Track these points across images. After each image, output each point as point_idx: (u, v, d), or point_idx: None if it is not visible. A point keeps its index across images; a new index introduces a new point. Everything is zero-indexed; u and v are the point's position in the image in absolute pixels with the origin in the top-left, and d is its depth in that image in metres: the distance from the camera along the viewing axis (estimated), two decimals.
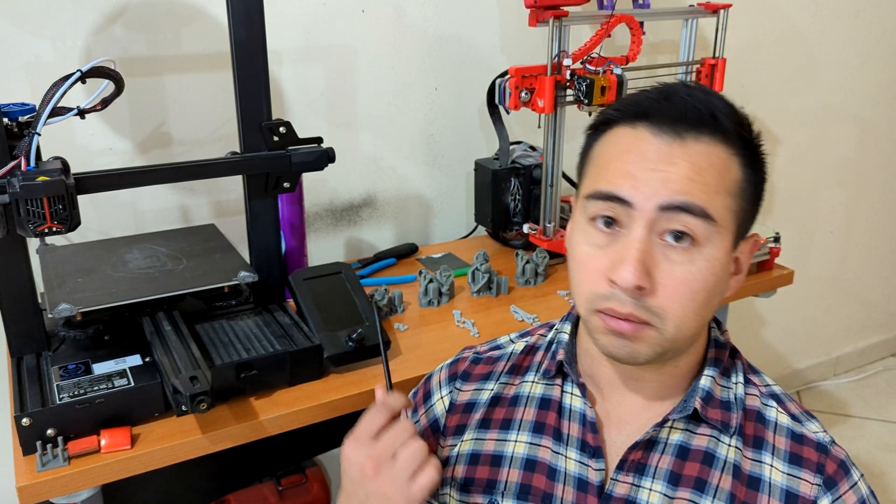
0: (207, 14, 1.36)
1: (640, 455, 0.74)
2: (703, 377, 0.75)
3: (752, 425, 0.75)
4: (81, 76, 0.94)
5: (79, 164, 0.99)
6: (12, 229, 0.92)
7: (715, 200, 0.68)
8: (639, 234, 0.67)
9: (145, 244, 1.22)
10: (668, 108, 0.70)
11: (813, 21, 2.12)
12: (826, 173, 2.36)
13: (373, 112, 1.58)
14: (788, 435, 0.74)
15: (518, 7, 1.42)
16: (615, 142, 0.72)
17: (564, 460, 0.77)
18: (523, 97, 1.36)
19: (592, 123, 0.77)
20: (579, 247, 0.72)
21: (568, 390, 0.80)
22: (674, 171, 0.67)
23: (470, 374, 0.86)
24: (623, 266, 0.66)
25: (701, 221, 0.67)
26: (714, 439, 0.74)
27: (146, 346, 1.04)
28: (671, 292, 0.67)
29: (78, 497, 0.93)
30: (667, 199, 0.66)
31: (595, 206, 0.70)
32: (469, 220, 1.74)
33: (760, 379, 0.80)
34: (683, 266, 0.67)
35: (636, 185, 0.68)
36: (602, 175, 0.71)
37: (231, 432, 0.97)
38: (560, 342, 0.82)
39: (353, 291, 1.17)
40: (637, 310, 0.67)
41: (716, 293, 0.70)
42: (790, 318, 2.49)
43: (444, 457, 0.84)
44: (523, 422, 0.81)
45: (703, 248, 0.68)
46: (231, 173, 1.11)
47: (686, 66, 1.56)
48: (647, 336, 0.68)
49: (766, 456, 0.73)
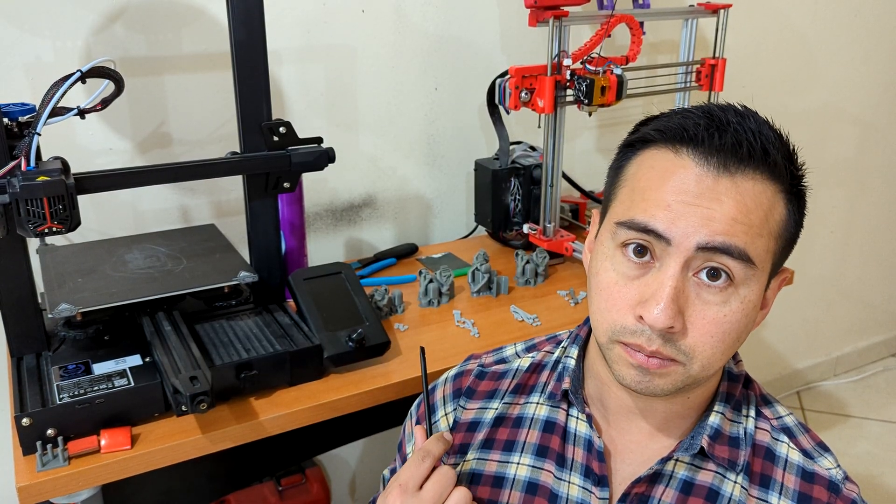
0: (207, 14, 1.36)
1: (644, 488, 0.72)
2: (713, 413, 0.72)
3: (759, 462, 0.72)
4: (81, 76, 0.93)
5: (79, 164, 0.99)
6: (12, 229, 0.92)
7: (757, 243, 0.64)
8: (673, 272, 0.63)
9: (145, 244, 1.22)
10: (720, 139, 0.64)
11: (813, 21, 2.12)
12: (826, 173, 2.36)
13: (373, 112, 1.58)
14: (798, 473, 0.71)
15: (518, 7, 1.42)
16: (653, 165, 0.67)
17: (567, 486, 0.75)
18: (523, 97, 1.36)
19: (628, 140, 0.73)
20: (606, 273, 0.68)
21: (573, 415, 0.78)
22: (718, 210, 0.63)
23: (474, 391, 0.84)
24: (655, 304, 0.63)
25: (740, 264, 0.63)
26: (719, 476, 0.71)
27: (146, 346, 1.03)
28: (702, 333, 0.64)
29: (78, 497, 0.93)
30: (707, 240, 0.62)
31: (627, 235, 0.66)
32: (469, 220, 1.74)
33: (773, 411, 0.76)
34: (717, 307, 0.64)
35: (675, 221, 0.63)
36: (637, 203, 0.66)
37: (231, 432, 0.97)
38: (567, 368, 0.79)
39: (353, 291, 1.17)
40: (665, 347, 0.64)
41: (745, 332, 0.67)
42: (790, 318, 2.49)
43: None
44: (526, 444, 0.79)
45: (739, 289, 0.65)
46: (231, 173, 1.11)
47: (686, 66, 1.56)
48: (672, 372, 0.66)
49: (773, 496, 0.70)
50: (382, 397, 1.07)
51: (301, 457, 1.39)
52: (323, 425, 1.05)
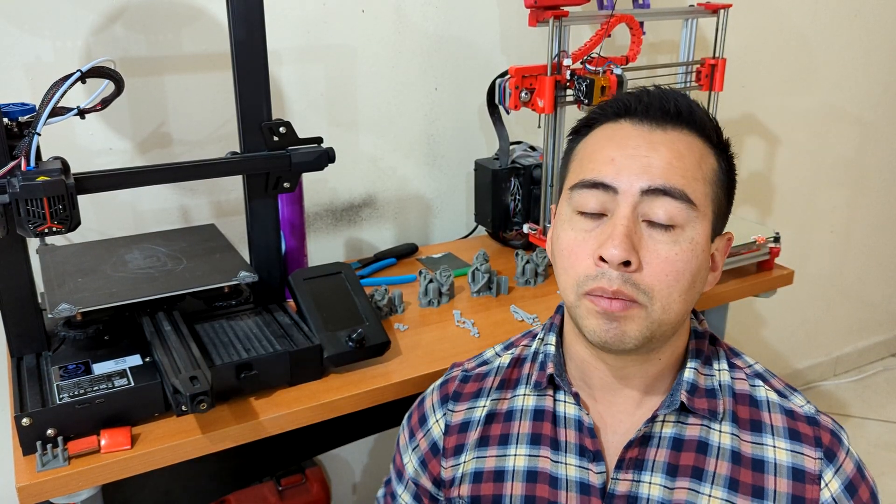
0: (207, 14, 1.36)
1: (636, 452, 0.75)
2: (687, 369, 0.77)
3: (746, 409, 0.76)
4: (81, 76, 0.93)
5: (79, 164, 0.99)
6: (12, 229, 0.92)
7: (693, 186, 0.71)
8: (624, 213, 0.69)
9: (145, 244, 1.22)
10: (648, 101, 0.74)
11: (813, 21, 2.12)
12: (826, 173, 2.36)
13: (373, 112, 1.58)
14: (781, 411, 0.76)
15: (518, 7, 1.42)
16: (597, 136, 0.76)
17: (565, 467, 0.78)
18: (523, 97, 1.36)
19: (574, 127, 0.80)
20: (565, 234, 0.74)
21: (560, 398, 0.81)
22: (655, 157, 0.70)
23: (461, 394, 0.87)
24: (610, 242, 0.68)
25: (682, 205, 0.70)
26: (705, 427, 0.75)
27: (146, 346, 1.03)
28: (657, 270, 0.69)
29: (78, 497, 0.93)
30: (649, 183, 0.69)
31: (580, 196, 0.73)
32: (469, 220, 1.74)
33: (743, 361, 0.81)
34: (667, 245, 0.69)
35: (619, 171, 0.71)
36: (585, 166, 0.74)
37: (231, 432, 0.97)
38: (548, 355, 0.83)
39: (353, 291, 1.17)
40: (625, 286, 0.69)
41: (697, 279, 0.72)
42: (790, 318, 2.49)
43: (449, 477, 0.85)
44: (520, 435, 0.82)
45: (685, 230, 0.70)
46: (231, 173, 1.11)
47: (686, 66, 1.56)
48: (635, 315, 0.70)
49: (768, 437, 0.74)
50: (382, 397, 1.07)
51: (301, 457, 1.39)
52: (323, 425, 1.05)
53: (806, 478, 0.72)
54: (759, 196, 2.24)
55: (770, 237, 1.46)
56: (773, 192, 2.26)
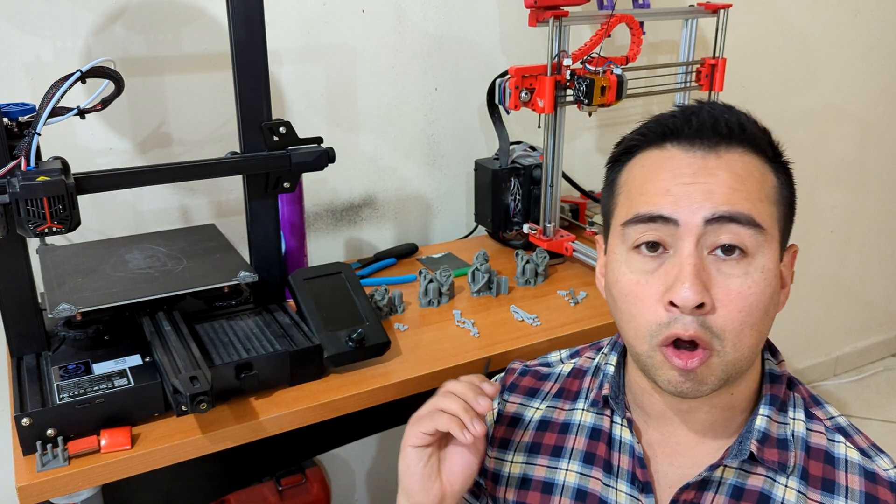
0: (207, 14, 1.36)
1: (692, 495, 0.71)
2: (759, 417, 0.71)
3: (819, 466, 0.71)
4: (81, 76, 0.93)
5: (79, 164, 0.99)
6: (12, 229, 0.92)
7: (759, 208, 0.65)
8: (689, 250, 0.64)
9: (145, 244, 1.22)
10: (697, 123, 0.68)
11: (813, 21, 2.12)
12: (826, 173, 2.36)
13: (373, 112, 1.58)
14: (861, 473, 0.70)
15: (518, 7, 1.42)
16: (643, 164, 0.70)
17: (615, 493, 0.76)
18: (523, 97, 1.36)
19: (614, 154, 0.74)
20: (624, 278, 0.68)
21: (617, 421, 0.78)
22: (714, 182, 0.65)
23: (517, 386, 0.87)
24: (681, 285, 0.63)
25: (749, 230, 0.64)
26: (770, 480, 0.70)
27: (146, 346, 1.03)
28: (730, 309, 0.64)
29: (78, 497, 0.93)
30: (712, 211, 0.64)
31: (636, 231, 0.67)
32: (469, 220, 1.74)
33: (824, 412, 0.75)
34: (739, 279, 0.64)
35: (678, 202, 0.65)
36: (637, 199, 0.68)
37: (231, 432, 0.97)
38: (606, 375, 0.80)
39: (353, 291, 1.17)
40: (702, 331, 0.64)
41: (771, 307, 0.67)
42: (790, 318, 2.49)
43: (492, 469, 0.84)
44: (574, 451, 0.79)
45: (755, 258, 0.65)
46: (231, 173, 1.11)
47: (686, 66, 1.56)
48: (713, 363, 0.65)
49: (840, 500, 0.69)
50: (382, 397, 1.07)
51: (301, 457, 1.39)
52: (323, 425, 1.05)
53: None
54: None
55: None
56: None
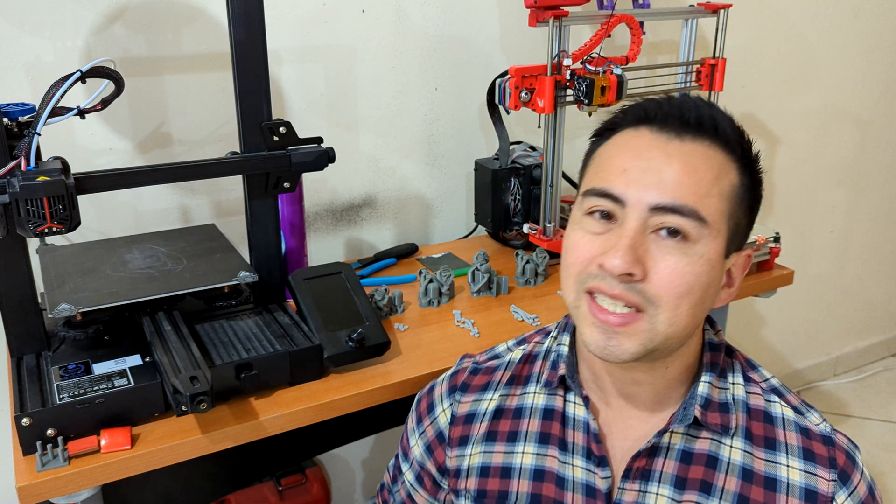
0: (207, 14, 1.36)
1: (644, 462, 0.75)
2: (701, 383, 0.75)
3: (760, 425, 0.75)
4: (81, 76, 0.93)
5: (79, 164, 0.99)
6: (12, 229, 0.92)
7: (706, 202, 0.68)
8: (630, 226, 0.68)
9: (145, 244, 1.22)
10: (671, 110, 0.71)
11: (813, 21, 2.12)
12: (826, 173, 2.36)
13: (373, 112, 1.58)
14: (796, 429, 0.75)
15: (518, 7, 1.42)
16: (617, 143, 0.74)
17: (572, 469, 0.79)
18: (523, 97, 1.36)
19: (597, 130, 0.78)
20: (573, 234, 0.74)
21: (571, 399, 0.81)
22: (668, 172, 0.68)
23: (469, 386, 0.88)
24: (613, 252, 0.68)
25: (692, 222, 0.68)
26: (716, 442, 0.75)
27: (146, 346, 1.03)
28: (665, 280, 0.68)
29: (78, 497, 0.93)
30: (657, 200, 0.68)
31: (589, 202, 0.72)
32: (469, 220, 1.74)
33: (759, 374, 0.80)
34: (676, 257, 0.68)
35: (629, 183, 0.69)
36: (599, 173, 0.73)
37: (231, 432, 0.97)
38: (561, 355, 0.82)
39: (353, 291, 1.17)
40: (630, 293, 0.68)
41: (707, 294, 0.70)
42: (790, 318, 2.49)
43: (454, 467, 0.86)
44: (529, 433, 0.82)
45: (696, 245, 0.68)
46: (231, 173, 1.11)
47: (686, 66, 1.56)
48: (637, 329, 0.69)
49: (781, 456, 0.73)
50: (382, 397, 1.08)
51: (301, 457, 1.39)
52: (323, 425, 1.05)
53: (818, 500, 0.71)
54: None
55: (770, 237, 1.46)
56: (773, 192, 2.26)
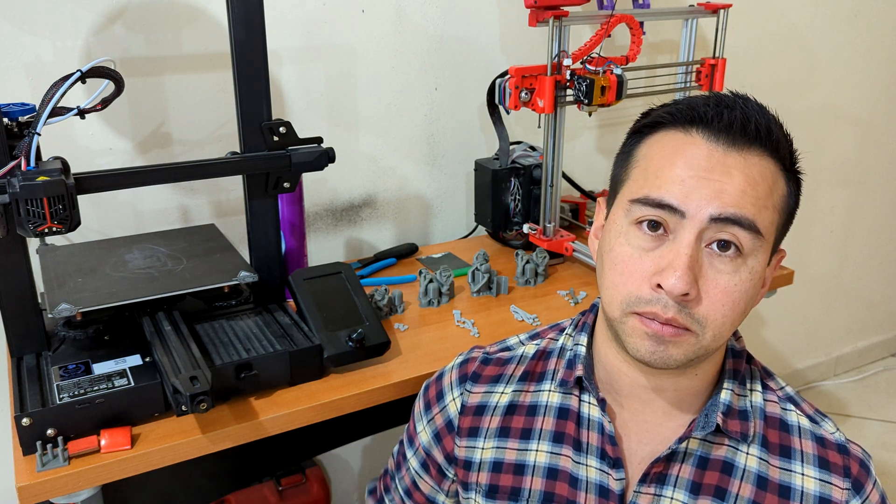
0: (207, 14, 1.36)
1: (661, 466, 0.75)
2: (724, 391, 0.75)
3: (776, 433, 0.75)
4: (81, 76, 0.93)
5: (79, 164, 0.99)
6: (12, 229, 0.92)
7: (763, 215, 0.68)
8: (689, 241, 0.66)
9: (145, 244, 1.22)
10: (728, 117, 0.68)
11: (813, 21, 2.12)
12: (826, 173, 2.36)
13: (373, 112, 1.58)
14: (812, 438, 0.74)
15: (518, 7, 1.42)
16: (664, 143, 0.71)
17: (585, 469, 0.78)
18: (523, 97, 1.36)
19: (637, 126, 0.75)
20: (620, 248, 0.70)
21: (586, 399, 0.80)
22: (728, 183, 0.66)
23: (480, 376, 0.87)
24: (672, 272, 0.65)
25: (749, 235, 0.67)
26: (732, 448, 0.74)
27: (146, 346, 1.03)
28: (714, 302, 0.67)
29: (78, 497, 0.93)
30: (720, 211, 0.66)
31: (641, 211, 0.69)
32: (469, 220, 1.74)
33: (775, 383, 0.80)
34: (728, 276, 0.67)
35: (688, 194, 0.66)
36: (650, 180, 0.69)
37: (231, 432, 0.97)
38: (578, 355, 0.81)
39: (353, 291, 1.17)
40: (680, 315, 0.66)
41: (750, 305, 0.70)
42: (790, 318, 2.49)
43: (463, 458, 0.85)
44: (543, 431, 0.81)
45: (748, 260, 0.68)
46: (231, 173, 1.11)
47: (686, 66, 1.56)
48: (685, 342, 0.68)
49: (797, 464, 0.73)
50: (382, 397, 1.07)
51: (301, 457, 1.39)
52: (323, 425, 1.05)
53: None
54: None
55: None
56: None
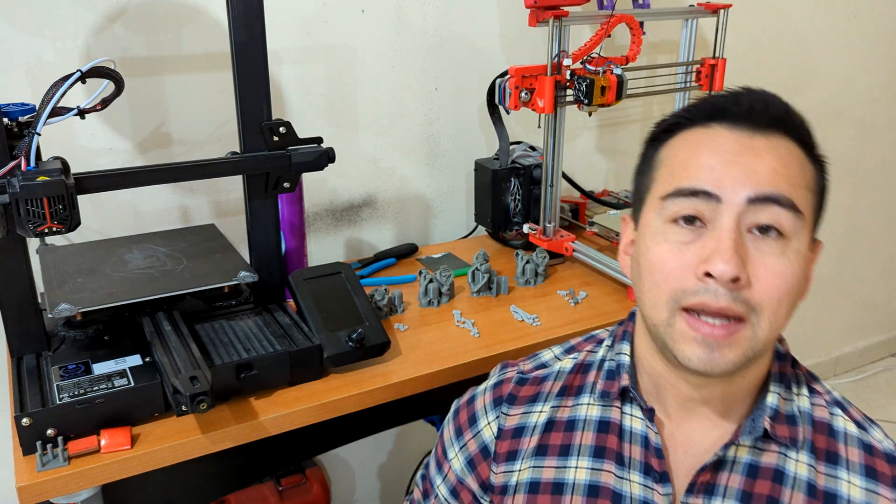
0: (207, 14, 1.36)
1: (709, 476, 0.71)
2: (770, 394, 0.72)
3: (823, 438, 0.72)
4: (81, 76, 0.94)
5: (79, 164, 0.99)
6: (12, 229, 0.92)
7: (799, 193, 0.66)
8: (729, 226, 0.64)
9: (145, 244, 1.22)
10: (747, 103, 0.68)
11: (813, 21, 2.12)
12: None
13: (373, 112, 1.58)
14: (859, 446, 0.71)
15: (518, 7, 1.42)
16: (686, 141, 0.70)
17: (629, 485, 0.74)
18: (523, 97, 1.36)
19: (654, 132, 0.74)
20: (659, 247, 0.67)
21: (627, 412, 0.77)
22: (759, 164, 0.65)
23: (516, 397, 0.82)
24: (719, 257, 0.62)
25: (789, 213, 0.65)
26: (783, 456, 0.71)
27: (146, 346, 1.03)
28: (767, 285, 0.64)
29: (78, 497, 0.93)
30: (756, 192, 0.64)
31: (676, 205, 0.67)
32: (469, 220, 1.74)
33: (822, 387, 0.77)
34: (776, 258, 0.64)
35: (722, 178, 0.65)
36: (679, 173, 0.68)
37: (231, 432, 0.97)
38: (622, 365, 0.78)
39: (353, 291, 1.17)
40: (735, 304, 0.63)
41: (800, 293, 0.67)
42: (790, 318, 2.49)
43: (500, 484, 0.81)
44: (582, 447, 0.77)
45: (791, 241, 0.65)
46: (231, 173, 1.11)
47: (686, 66, 1.56)
48: (740, 339, 0.65)
49: (842, 471, 0.70)
50: (382, 397, 1.07)
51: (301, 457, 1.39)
52: (323, 425, 1.05)
53: None
54: None
55: None
56: None
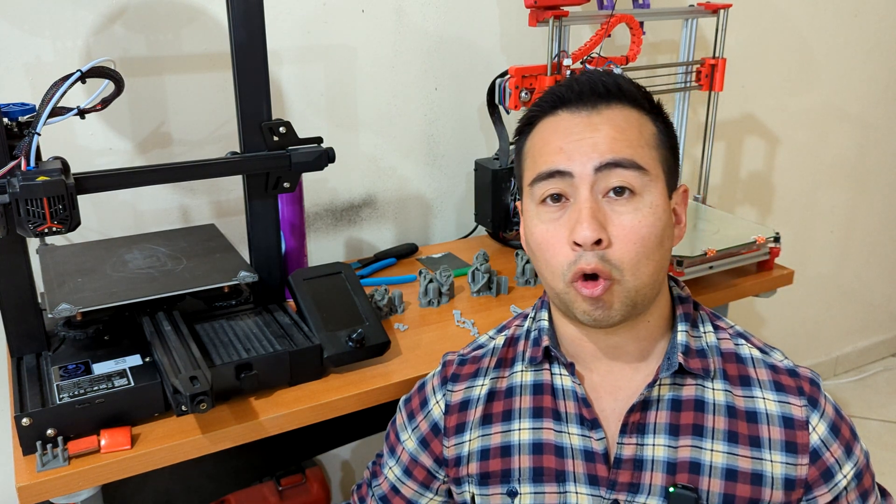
0: (207, 14, 1.36)
1: (638, 416, 0.79)
2: (679, 333, 0.80)
3: (733, 366, 0.81)
4: (81, 76, 0.93)
5: (79, 164, 0.99)
6: (12, 229, 0.92)
7: (641, 153, 0.75)
8: (584, 195, 0.74)
9: (145, 244, 1.22)
10: (579, 88, 0.77)
11: (813, 21, 2.12)
12: (826, 173, 2.36)
13: (373, 112, 1.58)
14: (764, 366, 0.81)
15: (518, 7, 1.42)
16: (541, 131, 0.79)
17: (568, 437, 0.81)
18: (523, 97, 1.36)
19: (518, 128, 0.84)
20: (537, 228, 0.77)
21: (556, 371, 0.84)
22: (599, 136, 0.74)
23: (459, 375, 0.90)
24: (579, 226, 0.72)
25: (634, 173, 0.74)
26: (700, 386, 0.79)
27: (146, 346, 1.04)
28: (624, 242, 0.73)
29: (78, 497, 0.93)
30: (599, 160, 0.74)
31: (541, 188, 0.76)
32: (469, 220, 1.74)
33: (725, 323, 0.85)
34: (630, 215, 0.73)
35: (570, 156, 0.75)
36: (538, 160, 0.77)
37: (231, 432, 0.97)
38: (542, 329, 0.86)
39: (353, 291, 1.17)
40: (601, 264, 0.73)
41: (664, 238, 0.76)
42: (790, 318, 2.49)
43: (453, 456, 0.87)
44: (522, 410, 0.85)
45: (643, 196, 0.74)
46: (231, 173, 1.11)
47: (686, 65, 1.56)
48: (615, 293, 0.74)
49: (757, 390, 0.79)
50: (382, 397, 1.08)
51: (301, 457, 1.39)
52: (323, 425, 1.05)
53: (795, 424, 0.77)
54: (759, 196, 2.24)
55: (770, 237, 1.46)
56: (773, 192, 2.26)
